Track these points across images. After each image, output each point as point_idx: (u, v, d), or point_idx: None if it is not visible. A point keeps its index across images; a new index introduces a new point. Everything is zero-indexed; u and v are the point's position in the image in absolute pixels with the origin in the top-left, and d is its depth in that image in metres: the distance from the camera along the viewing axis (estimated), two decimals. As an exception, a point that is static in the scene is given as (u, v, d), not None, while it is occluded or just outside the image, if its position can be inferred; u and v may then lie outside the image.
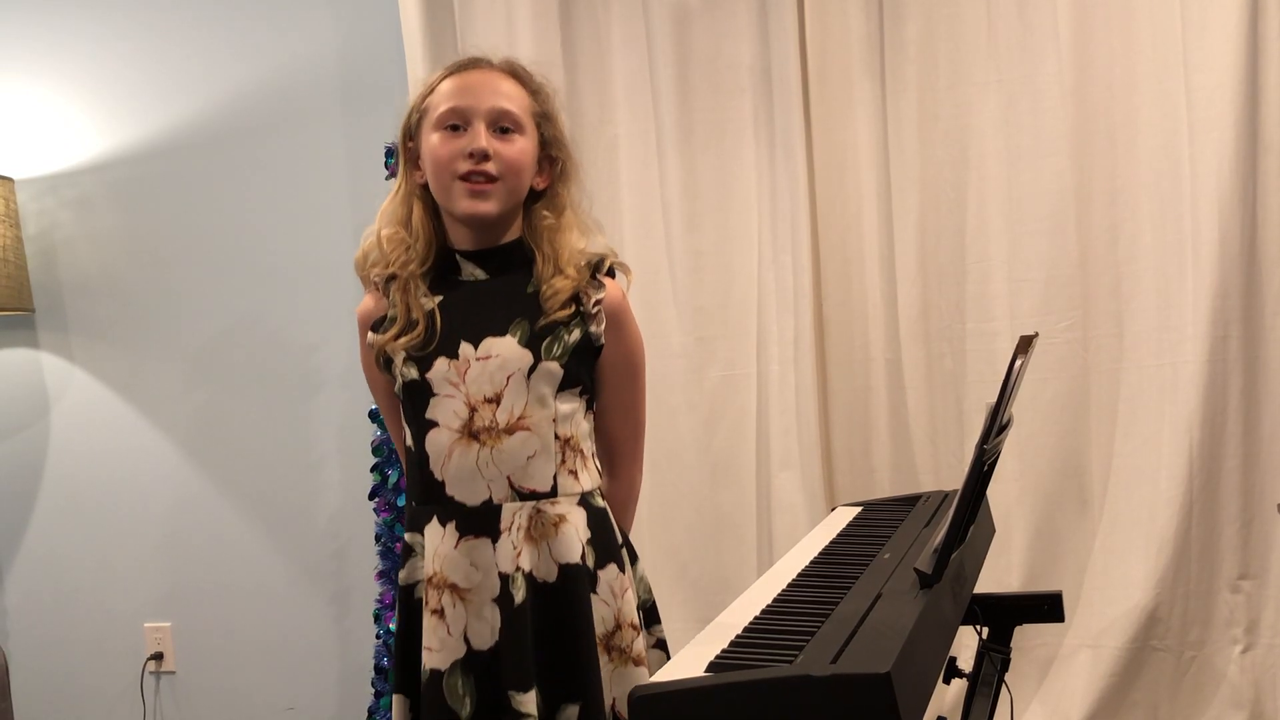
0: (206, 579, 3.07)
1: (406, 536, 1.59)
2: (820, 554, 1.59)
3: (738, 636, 1.21)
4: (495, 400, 1.51)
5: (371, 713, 2.62)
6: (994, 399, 1.34)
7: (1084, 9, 2.52)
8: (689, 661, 1.15)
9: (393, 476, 2.57)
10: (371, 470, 2.61)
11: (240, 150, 3.00)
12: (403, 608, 1.59)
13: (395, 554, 2.56)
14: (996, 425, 1.33)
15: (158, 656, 3.09)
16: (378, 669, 2.59)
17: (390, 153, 2.60)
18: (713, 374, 2.74)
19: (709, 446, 2.75)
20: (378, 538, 2.61)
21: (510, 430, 1.51)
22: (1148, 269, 2.52)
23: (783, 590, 1.40)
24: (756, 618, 1.28)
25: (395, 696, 1.60)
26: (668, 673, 1.13)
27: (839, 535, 1.72)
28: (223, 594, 3.06)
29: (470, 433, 1.51)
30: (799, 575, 1.48)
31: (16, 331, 3.12)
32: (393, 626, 2.53)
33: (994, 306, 2.60)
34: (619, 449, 1.69)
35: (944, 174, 2.62)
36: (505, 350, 1.53)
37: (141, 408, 3.08)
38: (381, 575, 2.60)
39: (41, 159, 3.09)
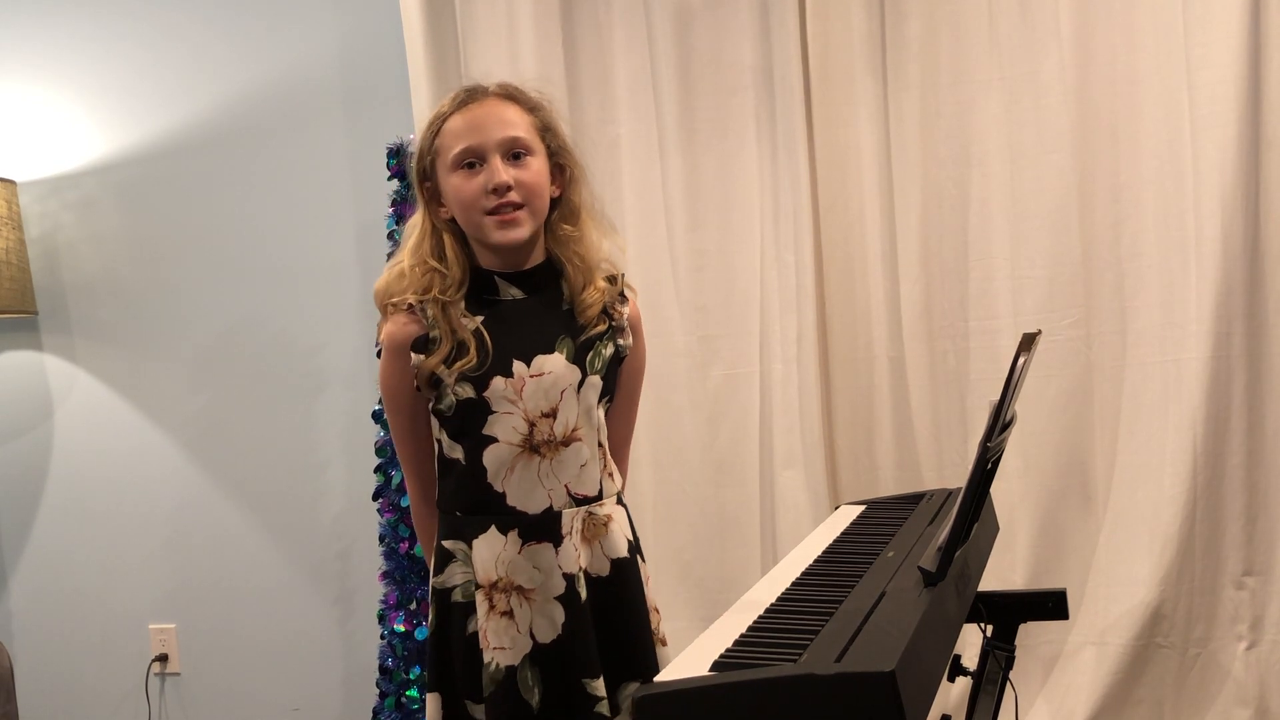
0: (211, 580, 3.07)
1: (446, 543, 1.65)
2: (824, 552, 1.60)
3: (742, 635, 1.21)
4: (551, 415, 1.61)
5: (376, 713, 2.62)
6: (997, 396, 1.34)
7: (1086, 6, 2.51)
8: (693, 660, 1.15)
9: (396, 477, 2.57)
10: (375, 471, 2.61)
11: (242, 151, 3.00)
12: (438, 610, 1.66)
13: (399, 555, 2.57)
14: (1000, 423, 1.33)
15: (162, 658, 3.10)
16: (382, 669, 2.59)
17: (392, 153, 2.60)
18: (716, 373, 2.74)
19: (712, 445, 2.75)
20: (381, 538, 2.61)
21: (566, 442, 1.62)
22: (1151, 266, 2.51)
23: (786, 589, 1.40)
24: (760, 617, 1.28)
25: (430, 695, 1.67)
26: (672, 672, 1.13)
27: (842, 534, 1.72)
28: (227, 595, 3.06)
29: (531, 446, 1.60)
30: (803, 574, 1.48)
31: (20, 334, 3.12)
32: (397, 627, 2.55)
33: (997, 304, 2.60)
34: (620, 448, 1.78)
35: (946, 172, 2.62)
36: (556, 367, 1.61)
37: (145, 409, 3.08)
38: (385, 576, 2.60)
39: (44, 161, 3.09)
